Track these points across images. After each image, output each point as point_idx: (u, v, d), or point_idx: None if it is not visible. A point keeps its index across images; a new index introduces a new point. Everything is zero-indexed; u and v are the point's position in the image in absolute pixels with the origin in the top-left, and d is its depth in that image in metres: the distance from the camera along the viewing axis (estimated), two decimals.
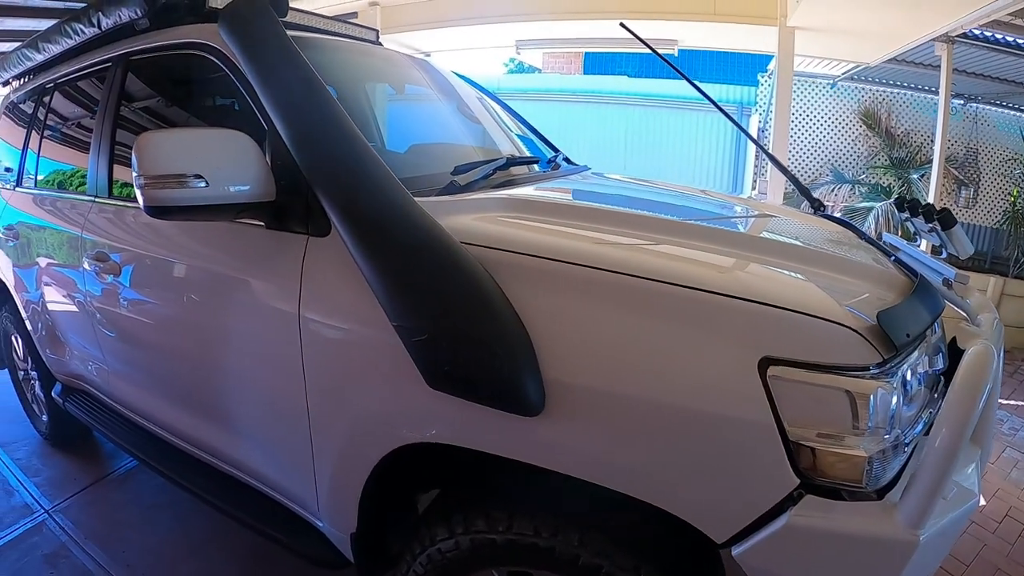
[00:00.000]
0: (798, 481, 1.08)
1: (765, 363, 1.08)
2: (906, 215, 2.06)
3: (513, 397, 1.19)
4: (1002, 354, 1.47)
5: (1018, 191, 7.62)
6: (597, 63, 12.72)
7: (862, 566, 1.10)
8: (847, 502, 1.10)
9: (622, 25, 2.92)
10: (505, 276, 1.28)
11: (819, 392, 1.07)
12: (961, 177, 7.86)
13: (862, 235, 1.94)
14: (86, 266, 2.27)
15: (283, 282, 1.58)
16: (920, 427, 1.23)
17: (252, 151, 1.48)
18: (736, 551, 1.13)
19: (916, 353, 1.21)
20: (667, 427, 1.14)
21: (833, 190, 7.75)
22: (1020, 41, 5.77)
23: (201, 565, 2.46)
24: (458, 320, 1.21)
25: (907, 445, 1.19)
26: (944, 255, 1.98)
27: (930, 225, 1.92)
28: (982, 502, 3.26)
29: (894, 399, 1.10)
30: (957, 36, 5.58)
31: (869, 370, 1.08)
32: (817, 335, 1.10)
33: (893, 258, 1.63)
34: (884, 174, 7.91)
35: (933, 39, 5.58)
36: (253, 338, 1.71)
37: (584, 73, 13.13)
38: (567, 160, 2.57)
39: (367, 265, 1.31)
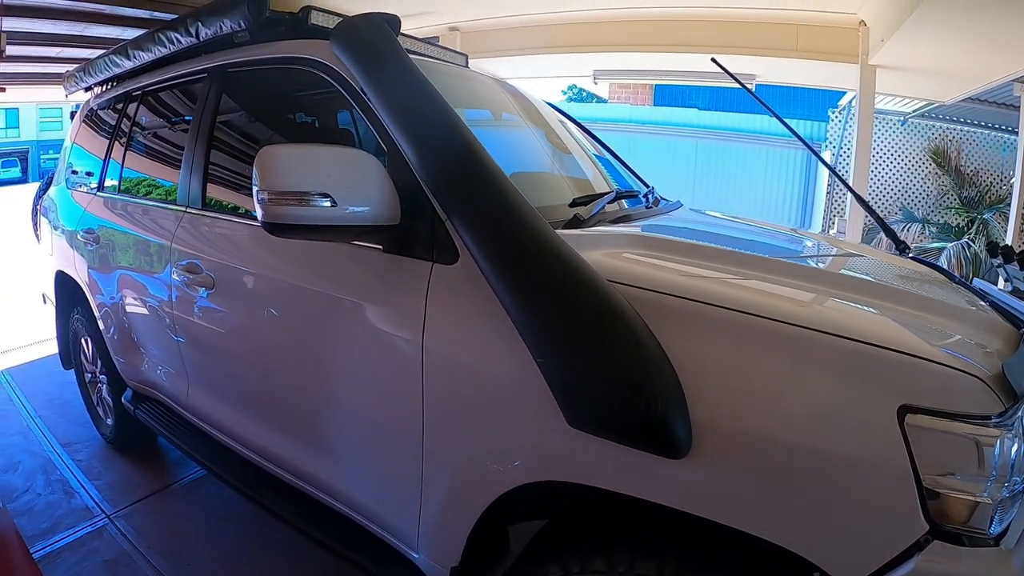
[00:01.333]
0: (928, 527, 1.08)
1: (903, 411, 1.09)
2: (999, 260, 2.04)
3: (662, 439, 1.17)
4: None
5: None
6: (667, 95, 12.71)
7: None
8: (968, 548, 1.10)
9: (713, 60, 2.90)
10: (653, 317, 1.25)
11: (950, 440, 1.08)
12: None
13: (953, 278, 1.93)
14: (174, 276, 2.25)
15: (405, 309, 1.54)
16: None
17: (378, 172, 1.45)
18: None
19: None
20: (809, 472, 1.14)
21: (904, 229, 7.59)
22: None
23: None
24: (612, 359, 1.19)
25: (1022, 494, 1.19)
26: None
27: None
28: None
29: (1015, 446, 1.11)
30: None
31: (992, 419, 1.09)
32: (949, 384, 1.11)
33: (988, 302, 1.62)
34: (955, 213, 7.72)
35: (1014, 79, 5.46)
36: (367, 365, 1.66)
37: (654, 104, 13.14)
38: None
39: (513, 299, 1.27)
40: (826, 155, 8.72)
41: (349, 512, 1.87)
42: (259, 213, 1.39)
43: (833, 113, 8.86)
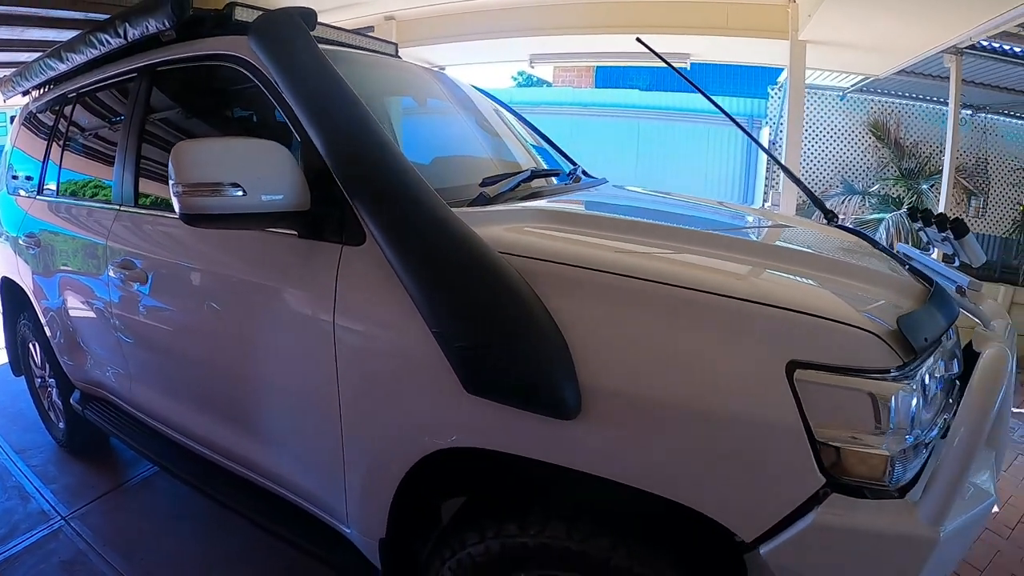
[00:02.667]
0: (824, 480, 1.12)
1: (792, 366, 1.12)
2: (919, 225, 2.11)
3: (552, 401, 1.22)
4: (1014, 360, 1.49)
5: None
6: (609, 76, 12.75)
7: (885, 563, 1.15)
8: (870, 500, 1.13)
9: (638, 40, 2.96)
10: (542, 285, 1.31)
11: (843, 394, 1.12)
12: (970, 187, 7.88)
13: (876, 244, 1.99)
14: (111, 274, 2.29)
15: (317, 291, 1.60)
16: (937, 430, 1.26)
17: (288, 161, 1.51)
18: (764, 550, 1.17)
19: (933, 357, 1.26)
20: (699, 429, 1.18)
21: (844, 201, 7.78)
22: None
23: None
24: (502, 327, 1.25)
25: (927, 446, 1.23)
26: (956, 263, 2.01)
27: (943, 234, 1.96)
28: (996, 509, 3.27)
29: (914, 401, 1.14)
30: (966, 48, 5.62)
31: (890, 373, 1.12)
32: (841, 339, 1.14)
33: (908, 267, 1.67)
34: (894, 185, 7.95)
35: (942, 51, 5.61)
36: (285, 346, 1.73)
37: (596, 86, 13.19)
38: (585, 173, 2.60)
39: (408, 274, 1.34)
40: (765, 132, 8.90)
41: (287, 494, 1.93)
42: (176, 205, 1.45)
43: (772, 90, 8.96)
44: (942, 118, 7.90)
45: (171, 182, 1.43)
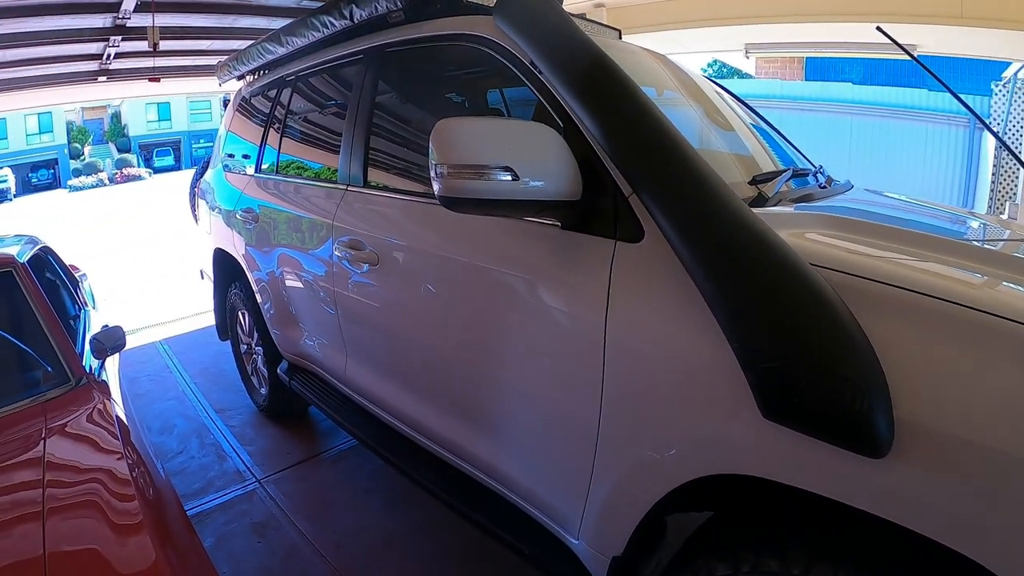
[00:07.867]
0: None
1: None
2: None
3: (863, 435, 1.05)
4: None
5: None
6: (819, 68, 11.97)
7: None
8: None
9: (879, 29, 2.66)
10: (858, 304, 1.13)
11: None
12: None
13: None
14: (336, 253, 2.29)
15: (586, 289, 1.47)
16: None
17: (560, 146, 1.39)
18: None
19: None
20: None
21: None
22: None
23: (409, 554, 2.45)
24: (820, 348, 1.08)
25: None
26: None
27: None
28: None
29: None
30: None
31: None
32: None
33: None
34: None
35: None
36: (540, 346, 1.61)
37: (805, 79, 12.40)
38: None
39: (713, 280, 1.18)
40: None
41: (503, 490, 1.85)
42: (436, 187, 1.37)
43: (996, 86, 7.94)
44: None
45: (432, 162, 1.36)
